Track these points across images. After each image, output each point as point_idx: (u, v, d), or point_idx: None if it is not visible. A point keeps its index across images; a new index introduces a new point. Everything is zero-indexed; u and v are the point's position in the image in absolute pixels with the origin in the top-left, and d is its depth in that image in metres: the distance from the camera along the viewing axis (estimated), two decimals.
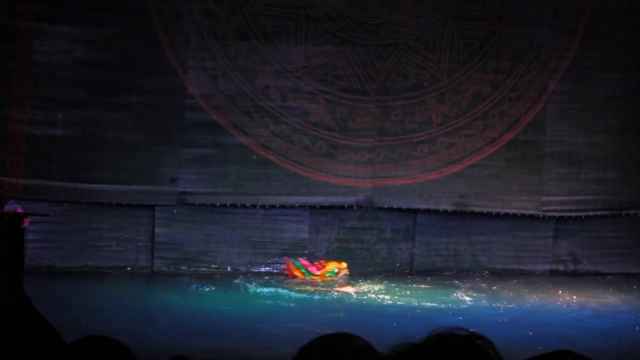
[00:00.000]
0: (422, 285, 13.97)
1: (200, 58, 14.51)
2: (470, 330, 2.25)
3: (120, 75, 14.31)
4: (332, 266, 14.28)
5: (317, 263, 14.28)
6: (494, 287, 13.89)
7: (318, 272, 14.10)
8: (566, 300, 13.17)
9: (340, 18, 14.75)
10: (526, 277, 14.82)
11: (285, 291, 13.31)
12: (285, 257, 14.38)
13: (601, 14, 15.03)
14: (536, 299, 13.14)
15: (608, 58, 15.08)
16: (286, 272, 14.25)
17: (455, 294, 13.30)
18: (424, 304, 12.59)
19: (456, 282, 14.21)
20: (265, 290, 13.33)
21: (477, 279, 14.51)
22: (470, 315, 11.87)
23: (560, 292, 13.67)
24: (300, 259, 14.34)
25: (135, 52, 14.33)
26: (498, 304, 12.72)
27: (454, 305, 12.56)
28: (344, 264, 14.39)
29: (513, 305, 12.70)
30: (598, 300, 13.09)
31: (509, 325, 11.27)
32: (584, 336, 10.66)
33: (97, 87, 14.25)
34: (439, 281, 14.27)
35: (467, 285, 13.98)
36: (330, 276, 14.16)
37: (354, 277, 14.36)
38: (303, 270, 14.09)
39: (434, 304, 12.56)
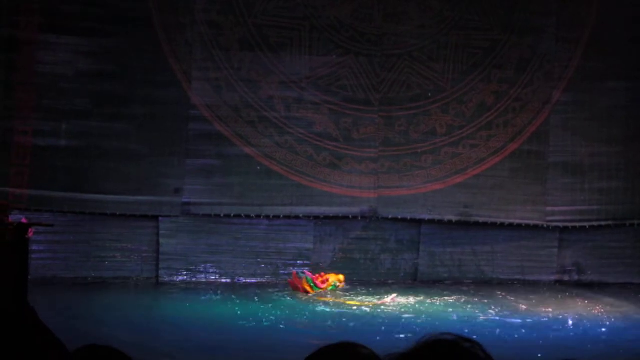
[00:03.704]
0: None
1: (204, 69, 14.53)
2: (458, 334, 2.26)
3: (124, 86, 14.33)
4: (333, 279, 14.21)
5: (318, 275, 14.19)
6: (499, 297, 13.87)
7: (323, 286, 14.01)
8: (571, 309, 13.14)
9: (344, 29, 14.77)
10: (531, 287, 14.79)
11: (292, 301, 13.28)
12: (293, 272, 14.24)
13: (605, 24, 15.04)
14: (541, 309, 13.11)
15: (612, 68, 15.08)
16: (291, 285, 14.13)
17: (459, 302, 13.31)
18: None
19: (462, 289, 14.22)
20: (271, 300, 13.30)
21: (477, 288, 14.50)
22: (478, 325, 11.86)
23: (565, 302, 13.65)
24: (305, 271, 14.25)
25: (139, 63, 14.35)
26: (507, 315, 12.71)
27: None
28: (342, 277, 14.36)
29: (519, 315, 12.68)
30: (603, 310, 13.06)
31: (515, 334, 11.25)
32: (589, 346, 10.63)
33: (101, 98, 14.27)
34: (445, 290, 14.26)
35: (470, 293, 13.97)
36: (332, 289, 14.09)
37: (356, 287, 14.35)
38: (311, 284, 13.94)
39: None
